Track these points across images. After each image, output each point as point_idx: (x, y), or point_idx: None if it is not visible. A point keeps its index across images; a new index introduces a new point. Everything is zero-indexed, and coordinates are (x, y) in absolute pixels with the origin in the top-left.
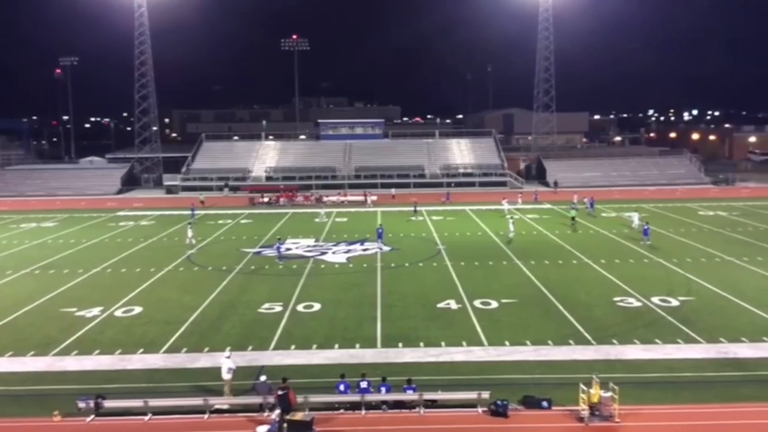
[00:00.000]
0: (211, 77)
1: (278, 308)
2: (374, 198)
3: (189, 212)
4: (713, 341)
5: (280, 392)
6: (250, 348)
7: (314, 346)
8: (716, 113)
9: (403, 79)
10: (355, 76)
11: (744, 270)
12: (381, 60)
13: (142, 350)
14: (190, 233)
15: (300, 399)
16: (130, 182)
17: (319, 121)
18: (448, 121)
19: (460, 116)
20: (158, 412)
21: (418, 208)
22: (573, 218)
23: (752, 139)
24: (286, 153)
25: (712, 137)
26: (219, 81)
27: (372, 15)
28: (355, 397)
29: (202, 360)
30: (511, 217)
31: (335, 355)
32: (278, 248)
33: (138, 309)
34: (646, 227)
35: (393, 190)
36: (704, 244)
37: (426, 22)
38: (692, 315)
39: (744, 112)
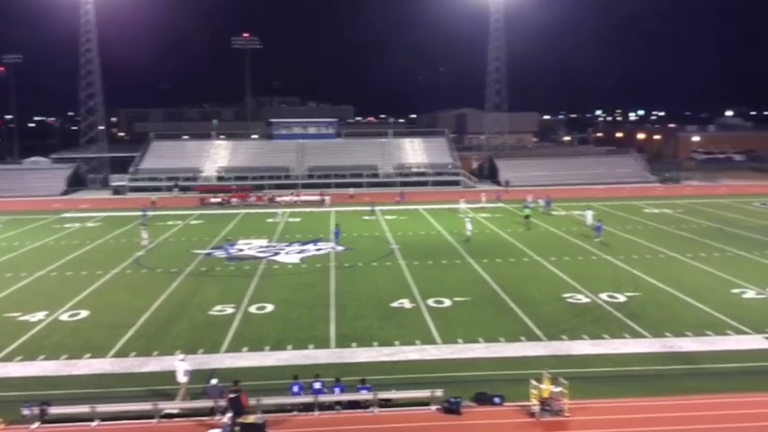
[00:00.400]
0: (159, 75)
1: (230, 310)
2: (328, 198)
3: (140, 213)
4: (659, 335)
5: (231, 395)
6: (200, 351)
7: (267, 347)
8: (661, 113)
9: (357, 78)
10: (307, 76)
11: (687, 266)
12: (334, 59)
13: (89, 355)
14: (144, 234)
15: (252, 401)
16: (76, 183)
17: (272, 120)
18: (401, 120)
19: (414, 116)
20: (106, 417)
21: (375, 208)
22: (527, 216)
23: (696, 138)
24: (238, 153)
25: (657, 137)
26: (168, 79)
27: (325, 14)
28: (308, 399)
29: (152, 364)
30: (466, 216)
31: (288, 357)
32: (228, 249)
33: (84, 313)
34: (598, 224)
35: (351, 190)
36: (650, 241)
37: (379, 22)
38: (638, 310)
39: (688, 113)
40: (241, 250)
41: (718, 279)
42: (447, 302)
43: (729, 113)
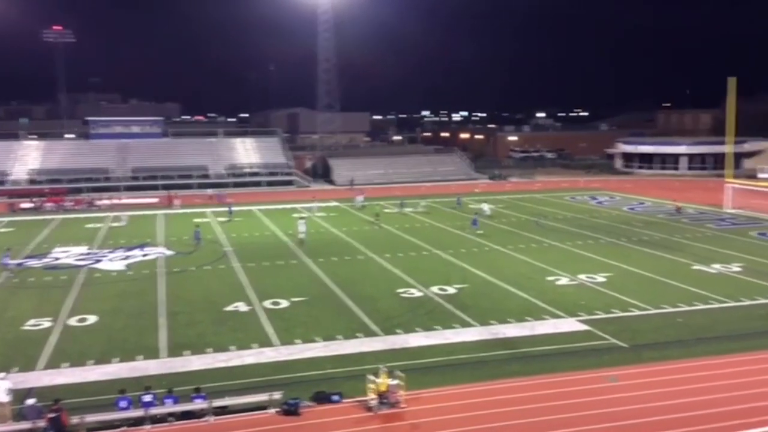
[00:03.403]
0: None
1: (47, 324)
2: (178, 200)
3: None
4: (485, 324)
5: (51, 414)
6: (15, 369)
7: (90, 361)
8: (482, 115)
9: (182, 76)
10: (128, 72)
11: (509, 257)
12: (157, 55)
13: None
14: None
15: (75, 420)
16: None
17: (89, 119)
18: (232, 119)
19: (245, 115)
20: None
21: (233, 209)
22: (377, 215)
23: (513, 138)
24: (52, 154)
25: (479, 136)
26: None
27: (147, 7)
28: (137, 413)
29: None
30: (300, 217)
31: (114, 370)
32: (5, 259)
33: None
34: (474, 217)
35: (209, 191)
36: (475, 234)
37: (205, 18)
38: (467, 301)
39: (505, 114)
40: (57, 258)
41: (536, 268)
42: (284, 303)
43: (541, 114)
